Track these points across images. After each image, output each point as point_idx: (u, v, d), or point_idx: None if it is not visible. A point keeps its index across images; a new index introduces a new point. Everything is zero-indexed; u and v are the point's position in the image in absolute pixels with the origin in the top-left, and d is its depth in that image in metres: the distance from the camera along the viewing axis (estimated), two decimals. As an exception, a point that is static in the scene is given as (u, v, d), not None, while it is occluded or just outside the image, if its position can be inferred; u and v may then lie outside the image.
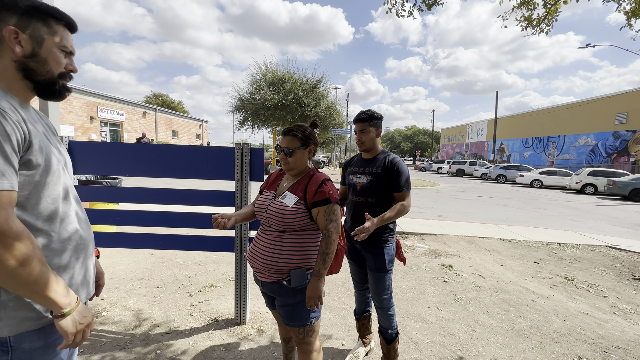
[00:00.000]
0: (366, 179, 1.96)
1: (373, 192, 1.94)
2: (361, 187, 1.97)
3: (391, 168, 1.91)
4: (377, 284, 1.96)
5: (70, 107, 18.47)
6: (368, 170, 1.97)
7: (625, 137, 21.82)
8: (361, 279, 2.16)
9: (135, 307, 2.64)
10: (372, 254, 1.95)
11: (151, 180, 9.99)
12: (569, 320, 2.84)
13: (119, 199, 2.39)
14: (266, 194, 1.61)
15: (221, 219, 1.42)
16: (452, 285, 3.51)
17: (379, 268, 1.94)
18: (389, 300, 1.99)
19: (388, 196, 1.95)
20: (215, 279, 3.32)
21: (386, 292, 1.97)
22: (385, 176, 1.91)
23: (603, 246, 5.56)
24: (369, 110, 1.99)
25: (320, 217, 1.44)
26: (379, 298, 1.97)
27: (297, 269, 1.44)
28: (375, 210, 1.92)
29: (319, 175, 1.52)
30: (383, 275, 1.95)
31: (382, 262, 1.94)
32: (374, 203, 1.94)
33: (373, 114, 1.97)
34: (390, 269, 1.97)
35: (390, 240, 1.98)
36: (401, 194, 1.91)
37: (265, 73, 19.15)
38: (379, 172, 1.92)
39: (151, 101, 41.49)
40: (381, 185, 1.92)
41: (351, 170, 2.09)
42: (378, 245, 1.94)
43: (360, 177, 2.00)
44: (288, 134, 1.50)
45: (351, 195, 2.05)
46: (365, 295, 2.21)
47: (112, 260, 3.68)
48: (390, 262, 1.96)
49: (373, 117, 1.96)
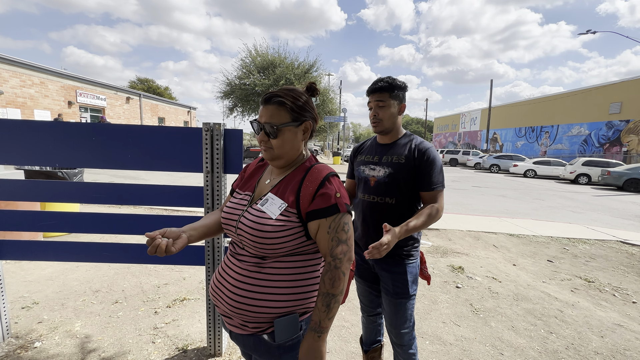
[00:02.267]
0: (384, 172, 1.44)
1: (393, 190, 1.42)
2: (376, 182, 1.45)
3: (419, 157, 1.39)
4: (395, 313, 1.46)
5: (45, 90, 17.21)
6: (386, 160, 1.45)
7: (619, 127, 21.78)
8: (372, 301, 1.65)
9: (82, 332, 2.09)
10: (391, 274, 1.44)
11: (109, 174, 8.80)
12: (606, 336, 2.43)
13: (43, 196, 1.79)
14: (239, 196, 1.05)
15: (160, 239, 0.86)
16: (466, 292, 3.06)
17: (399, 292, 1.43)
18: (411, 334, 1.49)
19: (413, 195, 1.43)
20: (189, 290, 2.78)
21: (407, 323, 1.47)
22: (410, 168, 1.40)
23: (614, 241, 5.24)
24: (389, 78, 1.43)
25: (322, 235, 0.91)
26: (398, 332, 1.47)
27: (285, 316, 0.91)
28: (394, 214, 1.41)
29: (319, 167, 0.97)
30: (404, 303, 1.44)
31: (403, 284, 1.43)
32: (393, 205, 1.42)
33: (394, 81, 1.41)
34: (414, 294, 1.46)
35: (415, 254, 1.47)
36: (432, 194, 1.39)
37: (256, 57, 18.20)
38: (402, 163, 1.41)
39: (136, 86, 39.63)
40: (404, 181, 1.40)
41: (363, 160, 1.55)
42: (399, 262, 1.43)
43: (375, 169, 1.47)
44: (270, 102, 0.94)
45: (362, 192, 1.52)
46: (376, 321, 1.70)
47: (66, 266, 3.09)
48: (414, 284, 1.46)
49: (395, 87, 1.41)
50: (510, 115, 32.52)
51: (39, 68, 16.36)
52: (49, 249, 1.89)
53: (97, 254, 1.85)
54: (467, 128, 40.68)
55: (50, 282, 2.78)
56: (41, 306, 2.39)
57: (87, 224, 1.83)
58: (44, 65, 16.69)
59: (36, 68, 16.21)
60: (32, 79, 16.15)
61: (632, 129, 20.96)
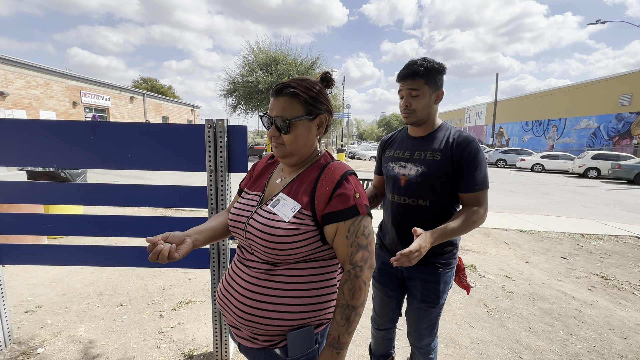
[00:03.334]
0: (416, 170, 1.26)
1: (426, 191, 1.25)
2: (407, 182, 1.28)
3: (458, 153, 1.20)
4: (420, 319, 1.34)
5: (50, 91, 17.30)
6: (419, 157, 1.27)
7: (629, 119, 21.30)
8: (387, 314, 1.47)
9: (85, 337, 2.03)
10: (422, 281, 1.30)
11: (114, 174, 8.73)
12: (630, 337, 2.31)
13: (43, 199, 1.73)
14: (248, 196, 0.97)
15: (162, 244, 0.78)
16: (479, 292, 2.96)
17: (427, 300, 1.30)
18: (433, 340, 1.39)
19: (450, 197, 1.25)
20: (195, 292, 2.72)
21: (432, 332, 1.37)
22: (447, 166, 1.21)
23: (630, 237, 5.09)
24: (424, 60, 1.21)
25: (340, 240, 0.82)
26: (419, 335, 1.37)
27: (299, 329, 0.83)
28: (428, 218, 1.25)
29: (336, 165, 0.87)
30: (431, 311, 1.32)
31: (434, 294, 1.29)
32: (427, 207, 1.25)
33: (432, 64, 1.20)
34: (444, 303, 1.33)
35: (452, 262, 1.32)
36: (474, 196, 1.20)
37: (258, 54, 18.04)
38: (437, 160, 1.22)
39: (140, 86, 39.77)
40: (439, 181, 1.22)
41: (392, 155, 1.37)
42: (433, 269, 1.28)
43: (406, 167, 1.29)
44: (282, 93, 0.84)
45: (391, 193, 1.35)
46: (388, 336, 1.56)
47: (70, 268, 3.05)
48: (445, 293, 1.32)
49: (432, 70, 1.20)
50: (517, 109, 32.03)
51: (43, 69, 16.44)
52: (51, 252, 1.83)
53: (100, 258, 1.79)
54: (472, 123, 40.20)
55: (54, 285, 2.74)
56: (45, 310, 2.34)
57: (89, 226, 1.77)
58: (48, 66, 16.77)
59: (41, 69, 16.29)
60: (37, 80, 16.24)
61: (642, 121, 20.50)
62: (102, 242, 3.67)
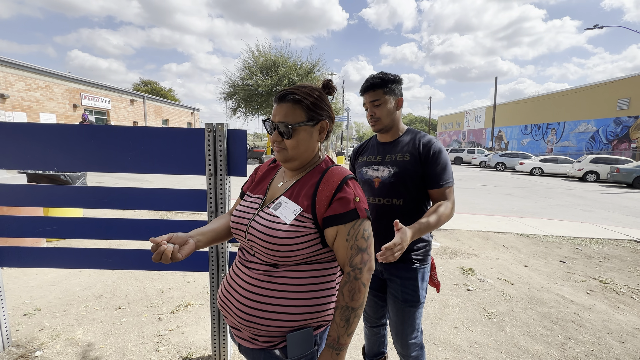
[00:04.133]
0: (388, 172, 1.37)
1: (399, 190, 1.35)
2: (381, 183, 1.38)
3: (425, 152, 1.32)
4: (403, 321, 1.39)
5: (50, 94, 17.34)
6: (390, 159, 1.39)
7: (627, 123, 21.42)
8: (376, 311, 1.57)
9: (84, 340, 2.03)
10: (401, 279, 1.37)
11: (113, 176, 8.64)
12: (628, 341, 2.32)
13: (42, 202, 1.73)
14: (250, 199, 0.99)
15: (166, 245, 0.79)
16: (478, 295, 2.97)
17: (408, 299, 1.36)
18: (419, 344, 1.42)
19: (421, 195, 1.36)
20: (194, 295, 2.72)
21: (415, 332, 1.40)
22: (416, 165, 1.32)
23: (628, 240, 5.10)
24: (381, 73, 1.37)
25: (340, 243, 0.84)
26: (406, 342, 1.40)
27: (299, 330, 0.84)
28: (403, 216, 1.33)
29: (336, 170, 0.90)
30: (414, 311, 1.37)
31: (414, 291, 1.36)
32: (401, 206, 1.35)
33: (387, 76, 1.35)
34: (424, 301, 1.40)
35: (427, 259, 1.40)
36: (441, 191, 1.31)
37: (258, 57, 18.14)
38: (408, 159, 1.34)
39: (140, 88, 39.90)
40: (411, 179, 1.33)
41: (365, 161, 1.49)
42: (409, 266, 1.36)
43: (378, 170, 1.41)
44: (285, 99, 0.87)
45: (366, 195, 1.45)
46: (380, 332, 1.63)
47: (69, 270, 3.05)
48: (425, 291, 1.40)
49: (388, 81, 1.34)
50: (516, 112, 32.18)
51: (44, 71, 16.48)
52: (50, 255, 1.84)
53: (99, 261, 1.80)
54: (471, 126, 40.34)
55: (53, 288, 2.74)
56: (43, 313, 2.34)
57: (88, 229, 1.78)
58: (49, 69, 16.81)
59: (41, 72, 16.33)
60: (38, 82, 16.27)
61: (641, 125, 20.60)
62: (101, 245, 3.68)
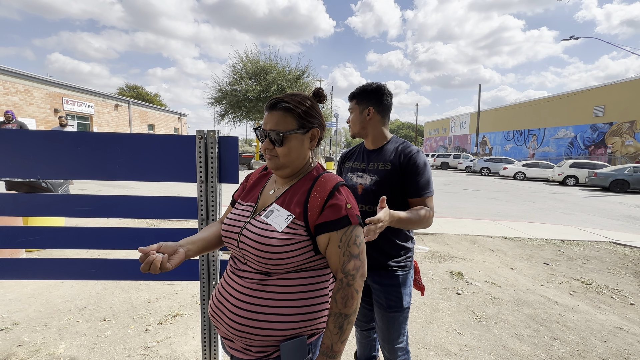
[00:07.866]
0: (371, 179, 1.39)
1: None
2: (364, 190, 1.40)
3: (405, 162, 1.34)
4: (389, 327, 1.40)
5: (30, 98, 16.76)
6: (373, 167, 1.41)
7: (603, 130, 22.43)
8: (365, 315, 1.59)
9: (66, 354, 1.95)
10: (383, 287, 1.38)
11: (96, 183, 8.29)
12: (610, 340, 2.40)
13: (23, 211, 1.67)
14: (241, 207, 0.99)
15: (155, 255, 0.78)
16: (467, 299, 3.01)
17: (392, 306, 1.38)
18: (405, 349, 1.43)
19: (402, 203, 1.37)
20: (182, 304, 2.66)
21: (401, 337, 1.41)
22: (396, 174, 1.34)
23: (607, 242, 5.31)
24: (359, 86, 1.46)
25: (332, 250, 0.84)
26: (392, 347, 1.41)
27: (292, 339, 0.84)
28: None
29: (327, 177, 0.91)
30: (398, 316, 1.39)
31: (397, 297, 1.37)
32: None
33: (363, 88, 1.43)
34: (408, 307, 1.41)
35: (409, 265, 1.42)
36: (421, 200, 1.32)
37: (247, 63, 18.14)
38: (389, 169, 1.36)
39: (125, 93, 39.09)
40: (391, 188, 1.35)
41: (350, 166, 1.51)
42: (391, 273, 1.37)
43: (362, 177, 1.43)
44: (276, 108, 0.88)
45: None
46: (371, 336, 1.64)
47: (50, 282, 2.92)
48: (408, 296, 1.41)
49: (361, 92, 1.43)
50: (499, 119, 33.21)
51: (23, 75, 15.94)
52: (30, 266, 1.76)
53: (83, 271, 1.73)
54: (457, 132, 41.33)
55: (33, 300, 2.62)
56: (22, 327, 2.23)
57: (72, 238, 1.72)
58: (28, 72, 16.27)
59: (20, 75, 15.79)
60: (17, 86, 15.72)
61: (615, 131, 21.61)
62: (84, 254, 3.55)
